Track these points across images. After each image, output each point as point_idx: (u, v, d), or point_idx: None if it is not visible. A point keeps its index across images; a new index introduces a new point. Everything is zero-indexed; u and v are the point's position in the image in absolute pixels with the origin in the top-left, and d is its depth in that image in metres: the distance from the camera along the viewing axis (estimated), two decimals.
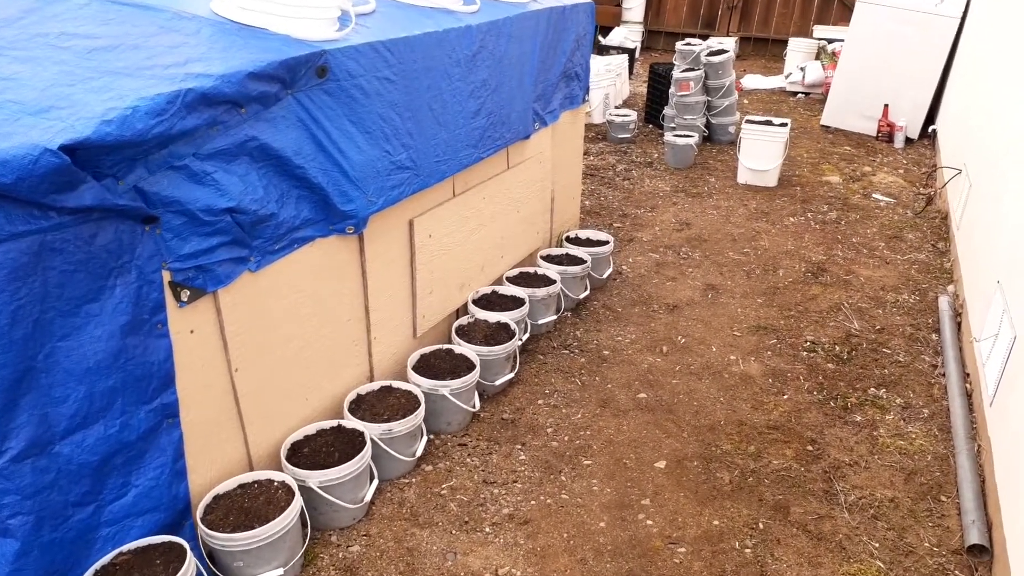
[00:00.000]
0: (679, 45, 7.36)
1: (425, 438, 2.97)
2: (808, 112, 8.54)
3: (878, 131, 7.63)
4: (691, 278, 4.60)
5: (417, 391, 3.00)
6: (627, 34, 11.74)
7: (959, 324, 3.96)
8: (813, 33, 10.36)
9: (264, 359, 2.56)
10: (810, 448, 3.07)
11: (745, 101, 8.85)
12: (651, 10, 12.16)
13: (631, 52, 10.07)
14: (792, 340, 3.90)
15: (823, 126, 7.96)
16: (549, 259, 4.26)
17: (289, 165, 2.44)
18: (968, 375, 3.47)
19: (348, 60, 2.56)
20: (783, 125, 6.16)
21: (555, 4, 4.00)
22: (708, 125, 7.27)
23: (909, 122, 7.47)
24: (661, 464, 2.98)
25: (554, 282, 3.95)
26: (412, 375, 3.10)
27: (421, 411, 2.89)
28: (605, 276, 4.46)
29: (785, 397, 3.43)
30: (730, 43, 11.52)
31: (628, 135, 7.38)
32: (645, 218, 5.53)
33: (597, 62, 8.74)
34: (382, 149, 2.79)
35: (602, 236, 4.60)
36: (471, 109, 3.34)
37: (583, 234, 4.64)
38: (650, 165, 6.72)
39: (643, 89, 8.91)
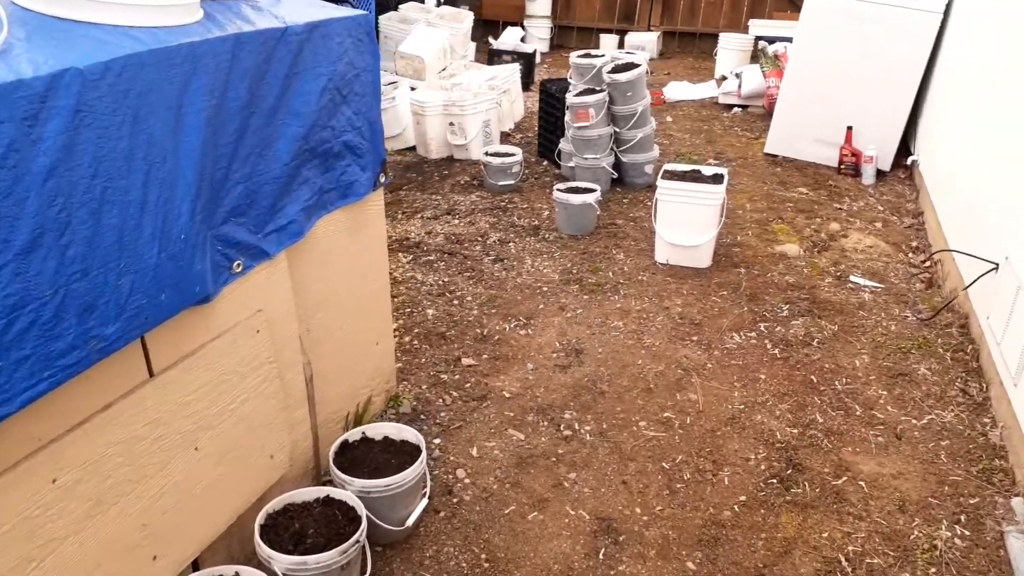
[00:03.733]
0: (573, 58, 5.33)
1: None
2: (748, 134, 6.64)
3: (840, 162, 5.77)
4: (574, 497, 2.61)
5: None
6: (532, 31, 9.73)
7: None
8: (748, 29, 8.49)
9: None
10: None
11: (669, 119, 6.93)
12: (560, 1, 10.15)
13: (529, 57, 8.05)
14: None
15: (768, 155, 6.07)
16: (273, 530, 2.20)
17: None
18: None
19: None
20: (717, 178, 4.21)
21: (263, 25, 1.95)
22: (618, 164, 5.30)
23: (880, 150, 5.62)
24: None
25: None
26: None
27: None
28: (412, 519, 2.43)
29: None
30: (652, 39, 9.66)
31: (512, 181, 5.37)
32: (514, 341, 3.53)
33: (477, 76, 6.69)
34: None
35: (409, 434, 2.57)
36: None
37: (377, 431, 2.60)
38: (536, 232, 4.72)
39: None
